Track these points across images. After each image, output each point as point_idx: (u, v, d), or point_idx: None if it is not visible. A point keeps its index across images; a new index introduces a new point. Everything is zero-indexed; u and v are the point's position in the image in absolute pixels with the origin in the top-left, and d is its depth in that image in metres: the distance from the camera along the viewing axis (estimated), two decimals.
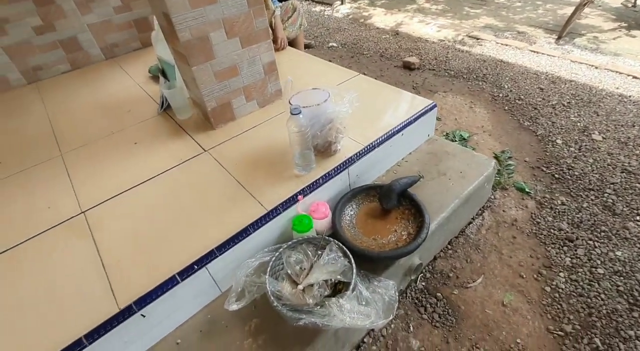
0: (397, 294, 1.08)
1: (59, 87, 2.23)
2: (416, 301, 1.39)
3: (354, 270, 1.04)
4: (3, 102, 2.13)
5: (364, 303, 1.02)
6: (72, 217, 1.26)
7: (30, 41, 2.20)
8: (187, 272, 1.03)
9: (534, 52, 3.12)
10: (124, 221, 1.21)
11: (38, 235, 1.20)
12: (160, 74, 1.84)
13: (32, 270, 1.08)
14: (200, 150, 1.50)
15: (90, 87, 2.19)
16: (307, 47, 3.57)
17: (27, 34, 2.17)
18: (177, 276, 1.01)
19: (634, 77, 2.56)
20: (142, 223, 1.20)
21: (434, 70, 3.05)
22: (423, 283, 1.44)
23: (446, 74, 2.97)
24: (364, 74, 1.94)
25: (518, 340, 1.24)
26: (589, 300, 1.33)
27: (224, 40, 1.41)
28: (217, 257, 1.08)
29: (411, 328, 1.30)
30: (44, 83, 2.32)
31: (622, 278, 1.38)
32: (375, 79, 1.92)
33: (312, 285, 1.03)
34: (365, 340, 1.27)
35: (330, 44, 3.76)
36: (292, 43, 2.62)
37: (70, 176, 1.45)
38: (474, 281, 1.43)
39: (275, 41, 2.37)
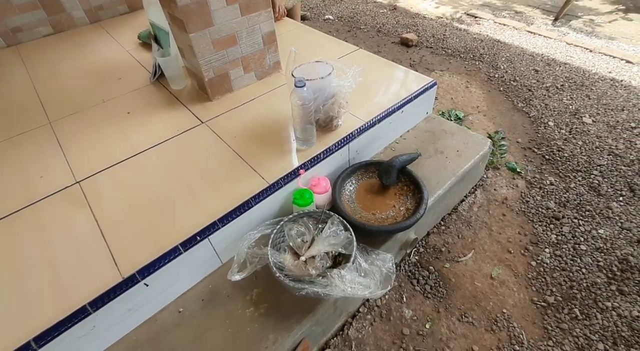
0: (394, 266, 1.12)
1: (42, 51, 2.11)
2: (409, 274, 1.44)
3: (355, 243, 1.06)
4: None
5: (362, 274, 1.06)
6: (67, 186, 1.23)
7: (9, 0, 2.05)
8: (190, 243, 1.03)
9: (531, 33, 3.10)
10: (122, 192, 1.19)
11: (34, 203, 1.17)
12: (152, 40, 1.75)
13: (31, 238, 1.07)
14: (197, 122, 1.46)
15: (75, 52, 2.07)
16: (302, 18, 3.44)
17: None
18: (180, 246, 1.02)
19: (627, 61, 2.60)
20: (140, 194, 1.18)
21: (431, 47, 3.01)
22: (416, 257, 1.49)
23: (443, 52, 2.94)
24: None
25: (504, 310, 1.31)
26: (571, 274, 1.41)
27: (223, 6, 1.34)
28: (219, 228, 1.08)
29: (404, 298, 1.36)
30: (25, 46, 2.18)
31: (602, 254, 1.46)
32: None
33: (313, 257, 1.05)
34: (360, 309, 1.32)
35: (326, 17, 3.64)
36: (289, 13, 2.52)
37: (62, 145, 1.41)
38: (464, 256, 1.49)
39: (272, 9, 2.27)
